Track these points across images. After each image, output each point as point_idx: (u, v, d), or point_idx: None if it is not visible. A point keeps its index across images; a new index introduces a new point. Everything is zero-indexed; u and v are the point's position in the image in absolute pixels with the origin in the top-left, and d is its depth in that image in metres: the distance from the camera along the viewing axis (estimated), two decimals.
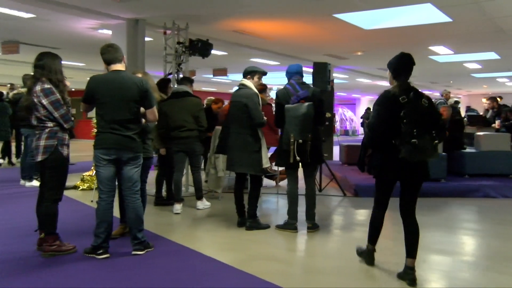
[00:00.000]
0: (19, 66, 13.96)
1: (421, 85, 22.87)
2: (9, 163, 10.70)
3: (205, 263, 4.07)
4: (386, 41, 10.22)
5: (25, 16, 7.73)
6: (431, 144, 3.40)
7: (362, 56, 12.57)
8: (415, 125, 3.37)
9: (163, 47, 8.06)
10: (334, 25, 8.56)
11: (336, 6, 7.32)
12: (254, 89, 5.15)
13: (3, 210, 6.10)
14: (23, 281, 3.55)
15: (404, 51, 3.80)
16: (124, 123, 4.01)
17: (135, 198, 4.15)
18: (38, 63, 4.09)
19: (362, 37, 9.80)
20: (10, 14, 7.57)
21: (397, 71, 3.67)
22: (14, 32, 9.30)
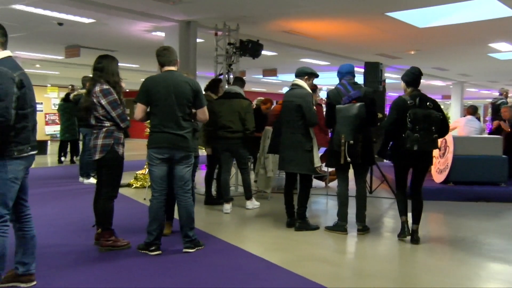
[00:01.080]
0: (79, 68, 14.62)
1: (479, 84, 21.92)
2: (71, 161, 11.22)
3: (254, 262, 4.10)
4: (441, 40, 9.87)
5: (86, 22, 8.09)
6: (431, 137, 4.43)
7: (416, 55, 12.20)
8: (417, 123, 4.40)
9: (214, 48, 8.18)
10: (387, 24, 8.37)
11: (388, 5, 7.15)
12: (308, 89, 5.13)
13: (63, 206, 6.41)
14: (82, 274, 3.71)
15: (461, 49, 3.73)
16: (177, 122, 4.10)
17: (186, 197, 4.24)
18: (97, 66, 4.27)
19: (416, 36, 9.51)
20: (73, 20, 7.96)
21: (408, 82, 4.73)
22: (75, 36, 9.76)
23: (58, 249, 4.34)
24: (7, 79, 2.92)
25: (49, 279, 3.56)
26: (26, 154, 3.11)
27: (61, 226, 5.23)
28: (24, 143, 3.08)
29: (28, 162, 3.18)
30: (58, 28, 8.60)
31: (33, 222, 3.36)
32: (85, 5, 6.84)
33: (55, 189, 7.73)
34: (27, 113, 3.09)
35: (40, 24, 8.42)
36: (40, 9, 7.25)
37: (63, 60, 13.00)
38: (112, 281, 3.57)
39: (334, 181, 7.77)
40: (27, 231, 3.31)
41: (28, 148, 3.12)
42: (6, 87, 2.91)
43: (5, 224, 3.04)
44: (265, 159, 6.94)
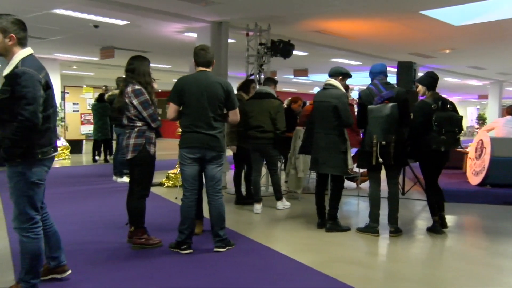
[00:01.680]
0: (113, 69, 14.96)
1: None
2: (105, 160, 11.49)
3: (285, 263, 4.09)
4: (478, 37, 9.59)
5: (120, 23, 8.27)
6: (455, 138, 4.88)
7: (451, 54, 11.90)
8: (442, 125, 4.78)
9: (246, 48, 8.21)
10: (421, 22, 8.20)
11: (423, 3, 7.00)
12: (343, 89, 5.08)
13: (97, 204, 6.56)
14: (116, 270, 3.79)
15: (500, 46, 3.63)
16: (209, 122, 4.13)
17: (217, 196, 4.26)
18: (128, 67, 4.36)
19: (452, 34, 9.28)
20: (108, 22, 8.15)
21: (429, 86, 5.03)
22: (110, 38, 9.98)
23: (93, 246, 4.44)
24: (35, 82, 2.89)
25: (85, 275, 3.65)
26: (49, 156, 3.10)
27: (96, 223, 5.35)
28: (47, 144, 3.06)
29: (51, 163, 3.19)
30: (94, 31, 8.83)
31: (51, 218, 3.44)
32: (120, 8, 6.99)
33: (89, 187, 7.92)
34: (50, 114, 3.07)
35: (78, 27, 8.66)
36: (78, 12, 7.46)
37: (98, 61, 13.33)
38: (144, 279, 3.62)
39: (366, 182, 7.69)
40: (48, 228, 3.35)
41: (51, 149, 3.11)
42: (34, 90, 2.88)
43: (37, 226, 3.09)
44: (296, 159, 6.92)
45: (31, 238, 3.05)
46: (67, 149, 12.47)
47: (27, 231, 3.03)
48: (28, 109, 2.84)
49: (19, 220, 3.03)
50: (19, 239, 3.07)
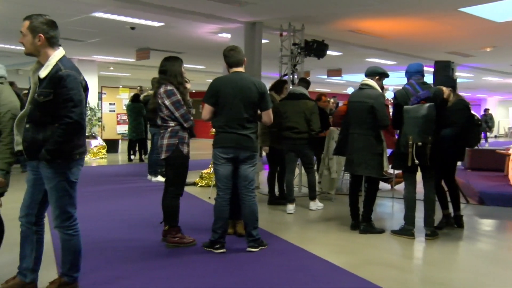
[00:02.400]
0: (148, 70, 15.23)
1: None
2: (140, 160, 11.72)
3: (318, 264, 4.06)
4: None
5: (156, 25, 8.42)
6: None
7: (492, 52, 11.51)
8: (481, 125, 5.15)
9: (279, 48, 8.20)
10: (460, 20, 7.97)
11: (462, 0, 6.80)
12: (379, 89, 5.01)
13: (133, 202, 6.70)
14: (150, 269, 3.85)
15: None
16: (242, 123, 4.15)
17: (250, 196, 4.28)
18: (161, 69, 4.44)
19: (494, 31, 8.97)
20: (144, 24, 8.31)
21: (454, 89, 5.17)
22: (146, 40, 10.18)
23: (128, 243, 4.54)
24: (78, 84, 2.92)
25: (119, 272, 3.73)
26: (84, 156, 3.14)
27: (131, 221, 5.46)
28: (82, 145, 3.08)
29: (83, 163, 3.21)
30: (130, 32, 9.02)
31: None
32: (156, 10, 7.12)
33: (125, 186, 8.09)
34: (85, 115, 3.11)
35: (115, 29, 8.87)
36: (116, 15, 7.64)
37: (134, 62, 13.60)
38: (178, 277, 3.67)
39: (401, 184, 7.55)
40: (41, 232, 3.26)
41: (84, 150, 3.13)
42: (80, 92, 2.91)
43: (76, 223, 3.14)
44: (330, 160, 6.87)
45: (73, 235, 3.12)
46: (103, 148, 12.79)
47: (68, 228, 3.09)
48: (75, 111, 2.87)
49: (61, 219, 3.06)
50: (61, 237, 3.12)
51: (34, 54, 2.99)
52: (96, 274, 3.68)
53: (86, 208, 6.16)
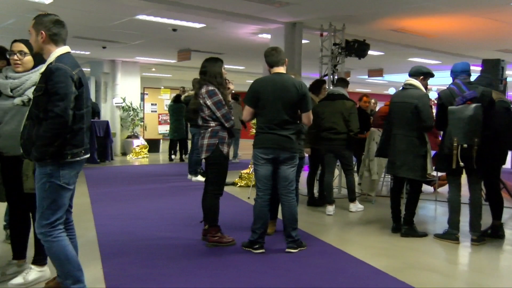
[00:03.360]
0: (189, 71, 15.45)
1: None
2: (181, 159, 11.92)
3: (358, 267, 4.00)
4: None
5: (197, 26, 8.54)
6: None
7: None
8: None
9: (319, 48, 8.14)
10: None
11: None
12: (424, 89, 4.89)
13: (173, 201, 6.81)
14: (190, 266, 3.90)
15: None
16: (282, 124, 4.14)
17: (290, 197, 4.26)
18: (201, 70, 4.50)
19: None
20: (185, 26, 8.45)
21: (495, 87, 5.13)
22: (187, 41, 10.32)
23: (168, 241, 4.61)
24: (67, 78, 2.76)
25: (160, 270, 3.80)
26: (79, 158, 2.90)
27: (171, 220, 5.55)
28: (78, 145, 2.89)
29: (80, 167, 2.98)
30: (172, 34, 9.18)
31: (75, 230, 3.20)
32: (197, 11, 7.21)
33: (166, 185, 8.24)
34: (83, 113, 2.91)
35: (157, 31, 9.04)
36: (158, 17, 7.80)
37: (175, 63, 13.83)
38: (218, 276, 3.71)
39: (444, 187, 7.34)
40: (70, 238, 3.04)
41: (82, 151, 2.92)
42: (67, 86, 2.75)
43: (56, 228, 2.85)
44: (370, 161, 6.76)
45: (50, 241, 2.84)
46: (145, 148, 13.09)
47: (46, 235, 2.83)
48: (59, 105, 2.71)
49: (39, 224, 2.84)
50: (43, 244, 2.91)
51: (39, 52, 2.96)
52: (138, 271, 3.76)
53: (128, 206, 6.34)
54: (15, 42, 3.29)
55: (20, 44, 3.25)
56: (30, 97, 3.15)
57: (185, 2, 6.78)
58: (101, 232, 4.89)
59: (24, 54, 3.24)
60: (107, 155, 11.51)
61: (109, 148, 11.63)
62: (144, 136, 14.01)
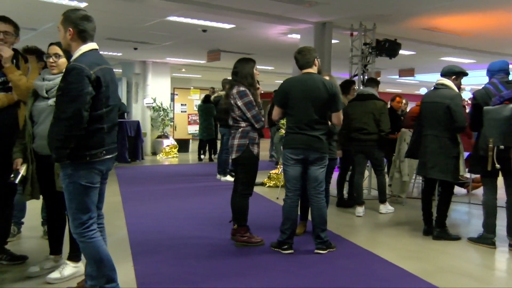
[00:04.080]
0: (219, 71, 15.55)
1: None
2: (210, 159, 12.01)
3: (388, 269, 3.94)
4: None
5: (227, 27, 8.59)
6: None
7: None
8: None
9: (349, 48, 8.07)
10: None
11: None
12: (456, 89, 4.78)
13: (202, 201, 6.87)
14: (219, 266, 3.93)
15: None
16: (312, 124, 4.12)
17: (319, 198, 4.24)
18: (233, 70, 4.52)
19: None
20: (215, 26, 8.51)
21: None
22: (217, 41, 10.40)
23: (197, 240, 4.65)
24: (82, 78, 2.68)
25: (189, 268, 3.84)
26: (99, 159, 2.84)
27: (201, 219, 5.60)
28: (97, 147, 2.82)
29: (104, 167, 2.92)
30: (202, 35, 9.26)
31: (106, 231, 3.17)
32: (227, 12, 7.25)
33: (195, 185, 8.32)
34: (101, 114, 2.83)
35: (187, 32, 9.14)
36: (189, 18, 7.88)
37: (205, 64, 13.95)
38: (246, 275, 3.72)
39: (478, 189, 7.16)
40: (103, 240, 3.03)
41: (102, 152, 2.85)
42: (80, 86, 2.67)
43: (89, 229, 2.85)
44: (401, 162, 6.65)
45: (85, 242, 2.86)
46: (175, 147, 13.25)
47: (80, 236, 2.85)
48: (70, 107, 2.66)
49: (73, 225, 2.85)
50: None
51: (67, 48, 2.94)
52: (168, 269, 3.81)
53: (158, 205, 6.43)
54: (51, 45, 3.38)
55: (55, 47, 3.34)
56: None
57: (215, 3, 6.83)
58: (132, 230, 4.98)
59: (58, 56, 3.33)
60: (137, 154, 11.70)
61: (140, 147, 11.82)
62: (174, 136, 14.17)
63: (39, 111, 3.32)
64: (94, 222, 2.89)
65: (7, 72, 3.55)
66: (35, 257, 3.89)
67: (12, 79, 3.55)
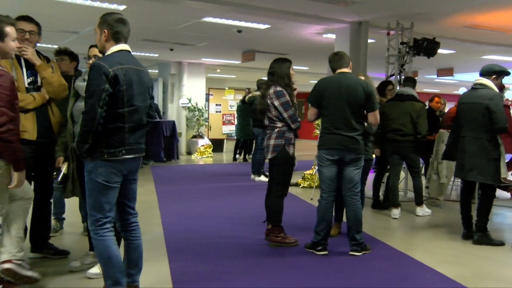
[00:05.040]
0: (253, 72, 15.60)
1: None
2: (244, 159, 12.07)
3: (426, 273, 3.85)
4: None
5: (262, 28, 8.61)
6: None
7: None
8: None
9: (386, 48, 7.94)
10: None
11: None
12: (496, 89, 4.62)
13: (236, 200, 6.91)
14: (253, 266, 3.94)
15: None
16: (348, 124, 4.08)
17: (355, 199, 4.19)
18: (269, 71, 4.52)
19: None
20: (250, 27, 8.55)
21: None
22: (251, 42, 10.44)
23: (231, 240, 4.68)
24: (99, 75, 2.71)
25: (224, 268, 3.87)
26: (117, 158, 2.82)
27: (235, 219, 5.63)
28: (116, 145, 2.81)
29: (124, 167, 2.89)
30: (237, 35, 9.31)
31: (140, 231, 3.12)
32: (263, 12, 7.27)
33: (229, 184, 8.38)
34: (122, 112, 2.81)
35: (223, 33, 9.22)
36: (224, 19, 7.95)
37: (239, 64, 14.02)
38: (280, 276, 3.72)
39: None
40: (133, 240, 3.07)
41: (122, 151, 2.82)
42: (98, 83, 2.71)
43: (102, 227, 2.85)
44: (439, 164, 6.49)
45: (96, 240, 2.87)
46: (210, 147, 13.38)
47: (93, 232, 2.87)
48: (88, 102, 2.73)
49: (89, 221, 2.91)
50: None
51: (102, 50, 2.99)
52: (202, 268, 3.85)
53: (193, 204, 6.51)
54: (91, 47, 3.49)
55: (95, 49, 3.43)
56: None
57: (250, 3, 6.86)
58: (168, 229, 5.06)
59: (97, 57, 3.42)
60: (173, 154, 11.88)
61: (175, 147, 12.00)
62: (209, 136, 14.32)
63: (80, 111, 3.41)
64: (108, 221, 2.88)
65: (40, 69, 3.59)
66: (76, 252, 4.02)
67: (45, 76, 3.60)
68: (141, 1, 6.71)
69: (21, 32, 3.50)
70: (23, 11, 4.38)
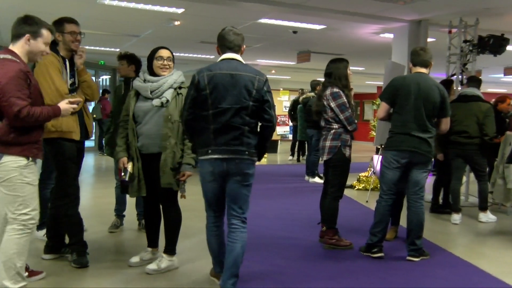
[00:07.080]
0: (308, 72, 15.52)
1: None
2: (297, 160, 12.03)
3: (492, 284, 3.66)
4: None
5: (317, 28, 8.56)
6: None
7: None
8: None
9: (447, 47, 7.63)
10: None
11: None
12: None
13: (291, 201, 6.89)
14: (307, 267, 3.92)
15: None
16: (422, 125, 3.95)
17: (419, 203, 4.06)
18: (326, 72, 4.48)
19: None
20: (306, 28, 8.52)
21: None
22: (306, 43, 10.40)
23: (286, 241, 4.68)
24: (191, 83, 3.03)
25: (278, 268, 3.88)
26: (204, 157, 3.02)
27: (289, 220, 5.61)
28: (203, 145, 3.03)
29: (213, 167, 3.01)
30: (292, 36, 9.30)
31: (241, 235, 3.17)
32: (319, 13, 7.23)
33: (283, 185, 8.38)
34: (207, 115, 2.97)
35: (278, 34, 9.25)
36: (280, 20, 7.98)
37: (294, 65, 13.99)
38: (334, 278, 3.67)
39: None
40: (229, 241, 3.13)
41: (208, 151, 2.99)
42: (188, 90, 3.06)
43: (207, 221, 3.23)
44: (505, 168, 6.14)
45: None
46: None
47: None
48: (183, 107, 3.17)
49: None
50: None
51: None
52: (258, 268, 3.87)
53: None
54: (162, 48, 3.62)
55: (168, 51, 3.63)
56: (168, 98, 3.47)
57: (307, 4, 6.83)
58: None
59: (170, 59, 3.60)
60: None
61: None
62: None
63: (144, 112, 3.53)
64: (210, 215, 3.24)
65: (82, 73, 3.75)
66: (134, 248, 4.16)
67: (86, 79, 3.77)
68: (199, 4, 6.85)
69: (73, 34, 3.66)
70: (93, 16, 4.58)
